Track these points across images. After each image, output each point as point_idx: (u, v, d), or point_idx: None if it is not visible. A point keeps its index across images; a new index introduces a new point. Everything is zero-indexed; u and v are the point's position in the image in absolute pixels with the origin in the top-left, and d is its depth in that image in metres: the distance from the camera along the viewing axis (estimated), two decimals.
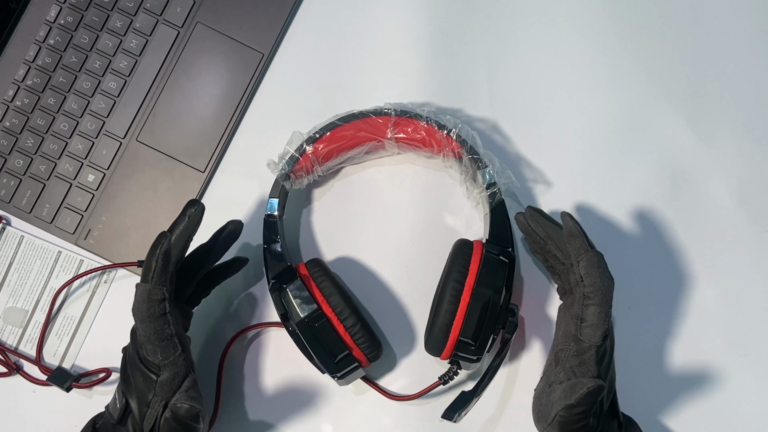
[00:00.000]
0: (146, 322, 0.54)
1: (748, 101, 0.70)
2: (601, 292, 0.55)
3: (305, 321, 0.59)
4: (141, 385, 0.56)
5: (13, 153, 0.69)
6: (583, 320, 0.55)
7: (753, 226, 0.69)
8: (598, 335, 0.54)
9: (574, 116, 0.70)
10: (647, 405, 0.65)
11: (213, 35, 0.70)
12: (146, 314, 0.54)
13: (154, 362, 0.55)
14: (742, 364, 0.67)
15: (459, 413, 0.57)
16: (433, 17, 0.71)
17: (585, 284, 0.56)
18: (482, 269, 0.59)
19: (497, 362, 0.60)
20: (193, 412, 0.53)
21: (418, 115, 0.63)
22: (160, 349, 0.55)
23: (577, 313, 0.56)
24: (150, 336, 0.54)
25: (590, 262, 0.56)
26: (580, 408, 0.53)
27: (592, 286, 0.55)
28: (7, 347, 0.68)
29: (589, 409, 0.53)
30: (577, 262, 0.56)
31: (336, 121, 0.64)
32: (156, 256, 0.55)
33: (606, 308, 0.55)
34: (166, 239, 0.55)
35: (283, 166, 0.63)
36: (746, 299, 0.68)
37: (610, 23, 0.71)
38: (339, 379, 0.60)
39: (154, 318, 0.54)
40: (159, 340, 0.54)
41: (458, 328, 0.58)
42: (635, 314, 0.67)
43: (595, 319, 0.55)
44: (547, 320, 0.67)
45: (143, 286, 0.55)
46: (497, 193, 0.62)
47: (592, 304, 0.55)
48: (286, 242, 0.65)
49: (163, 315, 0.55)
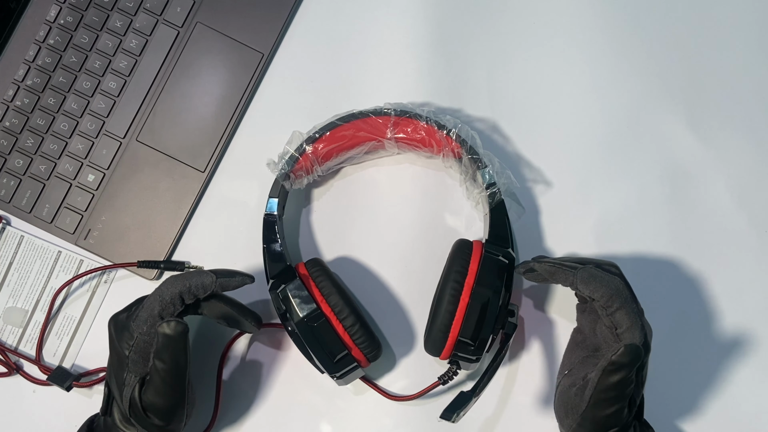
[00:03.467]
0: (171, 288, 0.56)
1: (748, 101, 0.70)
2: (616, 295, 0.54)
3: (304, 321, 0.59)
4: (116, 366, 0.56)
5: (13, 153, 0.69)
6: (617, 327, 0.54)
7: (753, 226, 0.69)
8: (637, 334, 0.54)
9: (574, 116, 0.70)
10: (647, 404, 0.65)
11: (213, 35, 0.70)
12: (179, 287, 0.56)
13: (132, 334, 0.55)
14: (742, 364, 0.67)
15: (458, 413, 0.57)
16: (432, 17, 0.71)
17: (596, 299, 0.55)
18: (482, 269, 0.59)
19: (496, 362, 0.60)
20: (181, 327, 0.53)
21: (417, 115, 0.63)
22: (151, 320, 0.55)
23: (609, 325, 0.55)
24: (155, 302, 0.55)
25: (584, 280, 0.55)
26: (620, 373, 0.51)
27: (603, 296, 0.54)
28: (7, 347, 0.68)
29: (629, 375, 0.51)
30: (575, 288, 0.56)
31: (336, 121, 0.64)
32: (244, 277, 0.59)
33: (630, 305, 0.54)
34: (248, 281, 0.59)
35: (283, 165, 0.63)
36: (746, 299, 0.67)
37: (610, 23, 0.71)
38: (338, 379, 0.60)
39: (178, 295, 0.56)
40: (158, 313, 0.55)
41: (457, 328, 0.58)
42: None
43: (628, 320, 0.54)
44: (547, 321, 0.67)
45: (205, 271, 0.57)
46: (497, 193, 0.62)
47: (617, 309, 0.54)
48: (286, 242, 0.65)
49: (183, 302, 0.56)
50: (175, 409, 0.55)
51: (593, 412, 0.53)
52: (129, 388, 0.55)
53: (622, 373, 0.52)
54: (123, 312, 0.58)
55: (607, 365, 0.52)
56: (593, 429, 0.54)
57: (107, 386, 0.58)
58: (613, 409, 0.53)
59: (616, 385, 0.52)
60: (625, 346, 0.51)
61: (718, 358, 0.67)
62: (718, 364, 0.67)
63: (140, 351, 0.55)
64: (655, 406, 0.66)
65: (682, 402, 0.66)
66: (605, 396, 0.52)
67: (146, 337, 0.55)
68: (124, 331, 0.56)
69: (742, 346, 0.67)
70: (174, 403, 0.55)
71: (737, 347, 0.67)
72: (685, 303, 0.67)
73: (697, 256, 0.68)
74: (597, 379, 0.52)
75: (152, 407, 0.54)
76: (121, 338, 0.56)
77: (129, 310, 0.58)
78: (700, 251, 0.68)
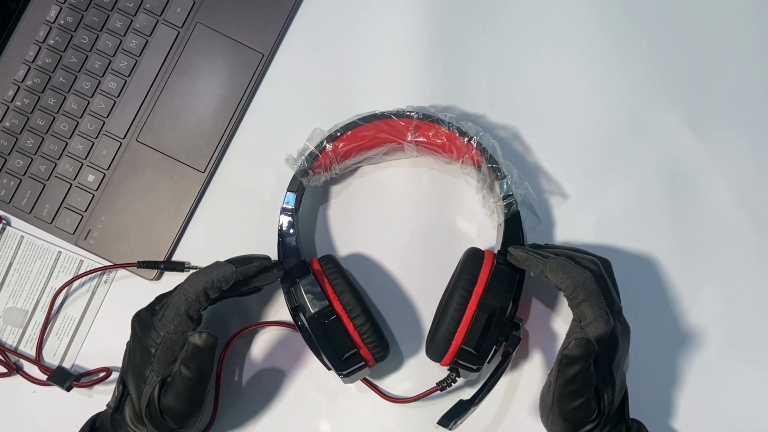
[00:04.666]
0: (195, 286, 0.56)
1: (748, 101, 0.70)
2: (581, 287, 0.54)
3: (315, 316, 0.59)
4: (138, 363, 0.56)
5: (13, 153, 0.69)
6: (581, 319, 0.55)
7: (753, 226, 0.69)
8: (601, 327, 0.54)
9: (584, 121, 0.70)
10: (646, 404, 0.65)
11: (213, 35, 0.70)
12: (203, 284, 0.56)
13: (159, 332, 0.55)
14: (741, 363, 0.67)
15: (455, 421, 0.57)
16: (432, 17, 0.71)
17: (562, 290, 0.55)
18: (491, 280, 0.59)
19: (498, 374, 0.59)
20: (212, 340, 0.54)
21: (440, 120, 0.63)
22: (178, 319, 0.55)
23: (575, 317, 0.56)
24: (181, 302, 0.55)
25: (552, 269, 0.55)
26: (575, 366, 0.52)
27: (568, 287, 0.55)
28: (7, 347, 0.68)
29: (584, 367, 0.52)
30: (545, 277, 0.56)
31: (357, 120, 0.63)
32: (261, 260, 0.58)
33: (595, 299, 0.54)
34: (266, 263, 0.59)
35: (302, 162, 0.63)
36: (746, 299, 0.68)
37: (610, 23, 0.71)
38: (344, 377, 0.60)
39: (203, 292, 0.56)
40: (185, 312, 0.55)
41: (461, 336, 0.58)
42: (635, 314, 0.67)
43: (591, 313, 0.54)
44: (552, 335, 0.66)
45: (227, 264, 0.57)
46: (513, 204, 0.61)
47: (582, 301, 0.54)
48: (301, 237, 0.65)
49: (208, 298, 0.56)
50: (190, 416, 0.56)
51: (560, 407, 0.54)
52: (150, 386, 0.56)
53: (577, 366, 0.52)
54: (147, 310, 0.58)
55: (561, 359, 0.53)
56: (564, 424, 0.55)
57: (121, 384, 0.58)
58: (577, 402, 0.53)
59: (574, 378, 0.52)
60: (575, 340, 0.52)
61: (717, 358, 0.67)
62: (717, 364, 0.67)
63: (167, 350, 0.56)
64: (654, 406, 0.66)
65: (681, 402, 0.66)
66: (566, 390, 0.53)
67: (173, 336, 0.56)
68: (151, 330, 0.56)
69: (741, 346, 0.67)
70: (191, 410, 0.56)
71: (737, 347, 0.67)
72: (685, 303, 0.67)
73: (697, 256, 0.68)
74: (556, 374, 0.54)
75: (170, 411, 0.55)
76: (148, 336, 0.56)
77: (153, 309, 0.58)
78: (700, 251, 0.68)
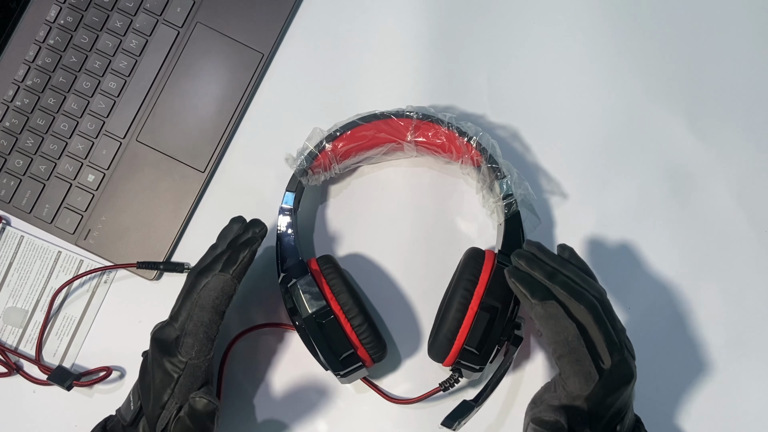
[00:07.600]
0: (206, 311, 0.54)
1: (748, 101, 0.70)
2: (562, 343, 0.53)
3: (313, 317, 0.59)
4: (158, 386, 0.55)
5: (13, 153, 0.69)
6: (561, 372, 0.54)
7: (753, 226, 0.69)
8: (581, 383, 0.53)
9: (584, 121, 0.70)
10: (646, 405, 0.65)
11: (213, 35, 0.70)
12: (211, 304, 0.54)
13: (182, 359, 0.55)
14: (742, 364, 0.67)
15: (459, 422, 0.57)
16: (432, 17, 0.71)
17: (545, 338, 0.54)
18: (492, 280, 0.59)
19: (500, 374, 0.59)
20: (211, 407, 0.53)
21: (439, 120, 0.63)
22: (198, 345, 0.55)
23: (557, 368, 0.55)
24: (199, 327, 0.54)
25: (538, 317, 0.54)
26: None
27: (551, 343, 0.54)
28: (7, 347, 0.68)
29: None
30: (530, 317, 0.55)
31: (357, 120, 0.63)
32: (247, 251, 0.55)
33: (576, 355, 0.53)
34: (259, 239, 0.55)
35: (302, 161, 0.63)
36: (746, 299, 0.68)
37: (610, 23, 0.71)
38: (342, 377, 0.60)
39: (215, 311, 0.55)
40: (204, 336, 0.55)
41: (464, 336, 0.58)
42: (635, 314, 0.67)
43: (570, 369, 0.53)
44: None
45: (222, 276, 0.55)
46: (513, 204, 0.61)
47: (560, 357, 0.54)
48: (299, 237, 0.65)
49: (222, 313, 0.55)
50: None
51: None
52: (168, 412, 0.55)
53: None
54: (163, 329, 0.57)
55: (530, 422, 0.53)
56: None
57: (139, 400, 0.57)
58: None
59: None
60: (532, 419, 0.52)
61: (717, 358, 0.67)
62: (717, 365, 0.67)
63: (189, 375, 0.55)
64: (654, 406, 0.66)
65: (681, 402, 0.66)
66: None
67: (196, 361, 0.55)
68: (172, 355, 0.55)
69: (741, 346, 0.67)
70: None
71: (737, 347, 0.67)
72: (684, 302, 0.67)
73: (697, 256, 0.68)
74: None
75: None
76: (170, 361, 0.55)
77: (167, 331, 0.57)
78: (700, 251, 0.68)
